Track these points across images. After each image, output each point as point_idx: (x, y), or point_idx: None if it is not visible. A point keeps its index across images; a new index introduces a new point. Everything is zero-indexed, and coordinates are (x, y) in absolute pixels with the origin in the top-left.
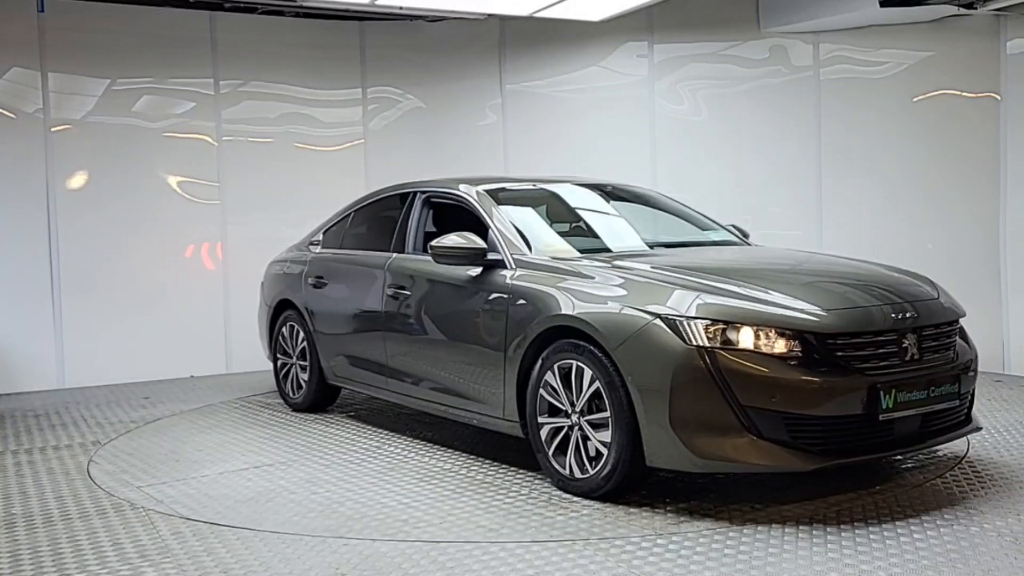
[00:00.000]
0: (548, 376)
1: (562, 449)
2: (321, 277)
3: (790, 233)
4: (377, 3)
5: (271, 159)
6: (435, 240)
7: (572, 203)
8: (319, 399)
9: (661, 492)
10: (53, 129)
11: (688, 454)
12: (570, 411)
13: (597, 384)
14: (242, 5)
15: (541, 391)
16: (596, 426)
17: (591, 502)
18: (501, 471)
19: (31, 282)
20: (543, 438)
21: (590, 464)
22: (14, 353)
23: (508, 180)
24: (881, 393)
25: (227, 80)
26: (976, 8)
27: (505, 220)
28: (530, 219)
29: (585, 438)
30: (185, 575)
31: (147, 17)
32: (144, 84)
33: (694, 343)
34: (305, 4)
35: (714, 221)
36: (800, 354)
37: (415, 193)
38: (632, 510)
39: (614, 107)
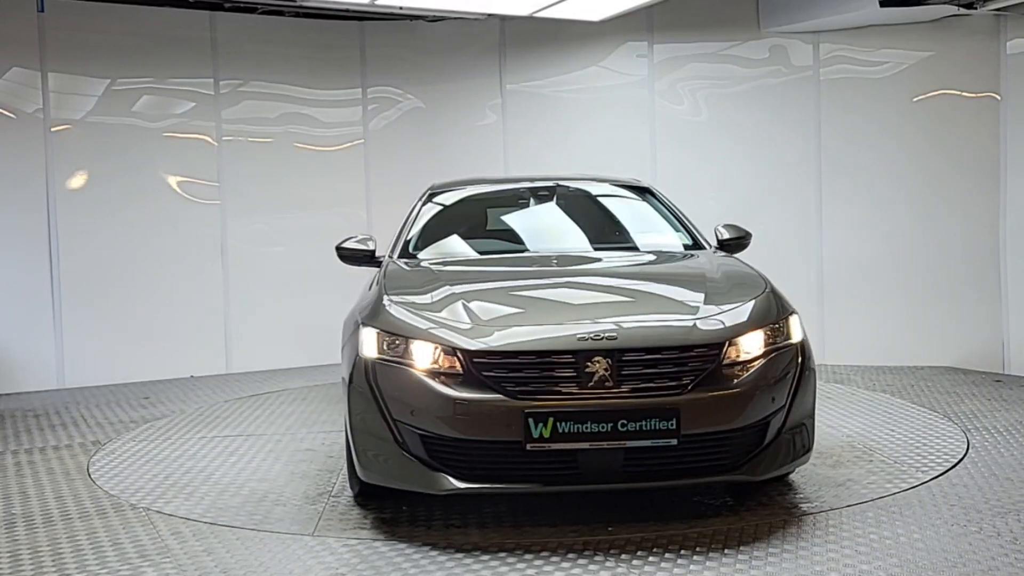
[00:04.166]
0: None
1: None
2: None
3: (789, 232)
4: (377, 3)
5: (271, 159)
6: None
7: (519, 206)
8: None
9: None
10: (53, 129)
11: (359, 464)
12: None
13: None
14: (242, 5)
15: None
16: None
17: (348, 501)
18: None
19: (31, 282)
20: None
21: None
22: (14, 353)
23: (491, 181)
24: (531, 421)
25: (227, 80)
26: (976, 8)
27: (412, 222)
28: (445, 221)
29: None
30: (185, 575)
31: (147, 17)
32: (144, 84)
33: (363, 353)
34: (305, 4)
35: (682, 223)
36: (460, 372)
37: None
38: (350, 512)
39: (614, 107)
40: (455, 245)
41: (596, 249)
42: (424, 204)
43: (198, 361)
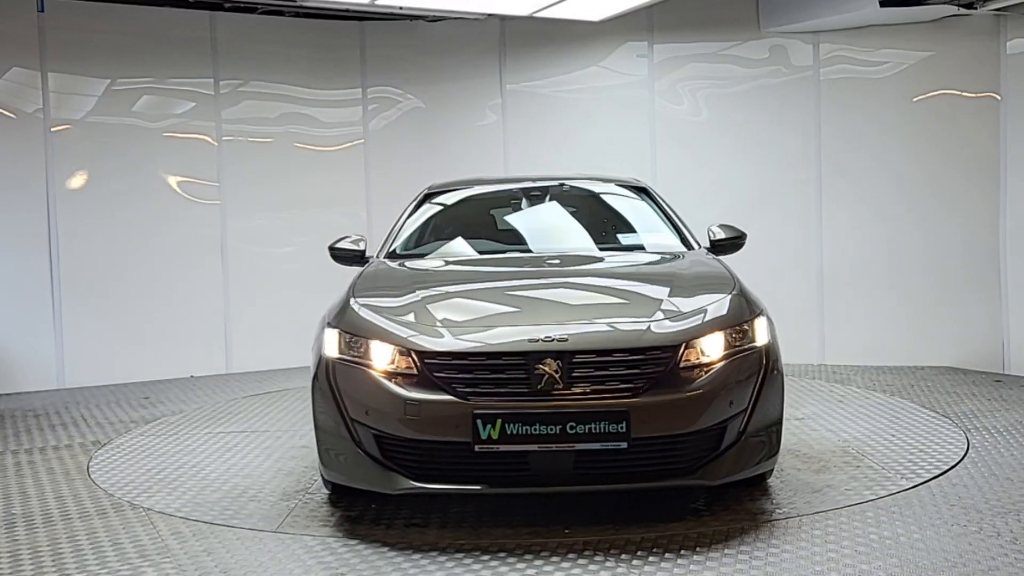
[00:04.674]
0: None
1: None
2: None
3: (789, 232)
4: (377, 3)
5: (271, 159)
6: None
7: (511, 208)
8: None
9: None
10: (53, 129)
11: (321, 463)
12: None
13: None
14: (242, 5)
15: None
16: None
17: (321, 498)
18: None
19: (31, 282)
20: None
21: None
22: (14, 353)
23: (486, 182)
24: (479, 422)
25: (227, 80)
26: (976, 8)
27: (403, 223)
28: (436, 222)
29: None
30: (185, 575)
31: (147, 17)
32: (144, 84)
33: (325, 352)
34: (305, 4)
35: (673, 223)
36: (415, 373)
37: None
38: (319, 510)
39: (614, 107)
40: (441, 246)
41: (580, 249)
42: (417, 205)
43: (198, 361)
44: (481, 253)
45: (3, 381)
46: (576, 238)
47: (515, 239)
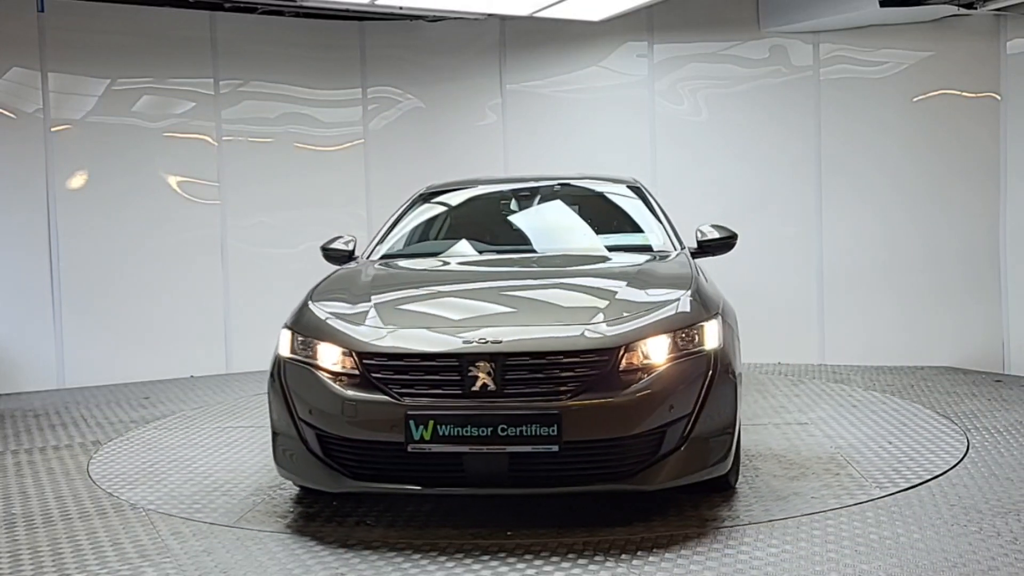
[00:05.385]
0: None
1: None
2: None
3: (789, 231)
4: (377, 3)
5: (271, 159)
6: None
7: (499, 209)
8: None
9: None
10: (53, 129)
11: (275, 461)
12: None
13: None
14: (242, 5)
15: None
16: None
17: (289, 495)
18: None
19: (31, 282)
20: None
21: None
22: (14, 353)
23: (482, 183)
24: (412, 423)
25: (227, 80)
26: (976, 8)
27: (390, 225)
28: (421, 224)
29: None
30: (185, 575)
31: (147, 17)
32: (144, 84)
33: (279, 352)
34: (305, 4)
35: (660, 223)
36: (357, 374)
37: None
38: (281, 506)
39: (614, 107)
40: (424, 248)
41: (558, 250)
42: (407, 207)
43: (198, 361)
44: (461, 255)
45: (3, 381)
46: (557, 239)
47: (497, 240)
